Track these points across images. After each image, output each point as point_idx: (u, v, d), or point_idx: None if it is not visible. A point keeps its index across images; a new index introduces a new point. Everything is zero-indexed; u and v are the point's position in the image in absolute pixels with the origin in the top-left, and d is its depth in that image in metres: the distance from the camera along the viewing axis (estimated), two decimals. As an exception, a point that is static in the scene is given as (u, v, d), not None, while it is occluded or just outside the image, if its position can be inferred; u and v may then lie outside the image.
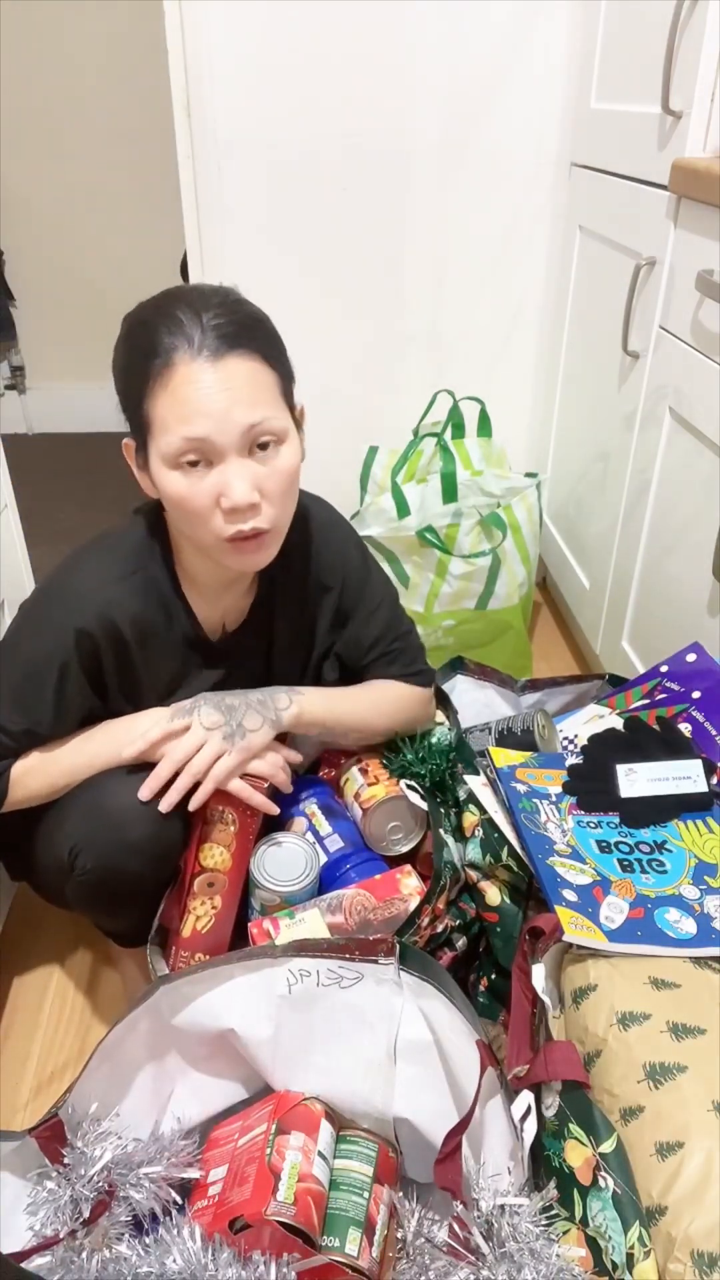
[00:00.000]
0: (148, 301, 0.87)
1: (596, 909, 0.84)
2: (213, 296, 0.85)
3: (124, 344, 0.87)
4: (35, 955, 1.25)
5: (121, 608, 0.92)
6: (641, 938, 0.82)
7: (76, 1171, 0.71)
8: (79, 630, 0.90)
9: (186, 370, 0.81)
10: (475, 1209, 0.66)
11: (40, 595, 0.97)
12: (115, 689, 0.96)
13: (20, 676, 0.91)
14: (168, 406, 0.82)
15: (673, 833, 0.92)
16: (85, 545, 0.97)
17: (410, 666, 1.09)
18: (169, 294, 0.87)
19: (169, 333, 0.82)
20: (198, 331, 0.82)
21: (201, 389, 0.81)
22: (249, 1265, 0.66)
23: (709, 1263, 0.59)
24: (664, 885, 0.87)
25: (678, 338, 1.19)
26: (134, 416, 0.86)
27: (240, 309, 0.85)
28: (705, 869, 0.88)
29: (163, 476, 0.85)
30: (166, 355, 0.82)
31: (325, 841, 1.05)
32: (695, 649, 1.07)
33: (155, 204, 2.71)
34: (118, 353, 0.88)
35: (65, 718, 0.94)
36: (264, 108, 1.61)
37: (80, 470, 2.76)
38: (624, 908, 0.84)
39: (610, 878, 0.87)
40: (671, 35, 1.14)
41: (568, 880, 0.86)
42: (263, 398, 0.84)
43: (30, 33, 2.59)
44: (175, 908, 0.96)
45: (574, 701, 1.29)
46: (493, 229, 1.75)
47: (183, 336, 0.81)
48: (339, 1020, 0.78)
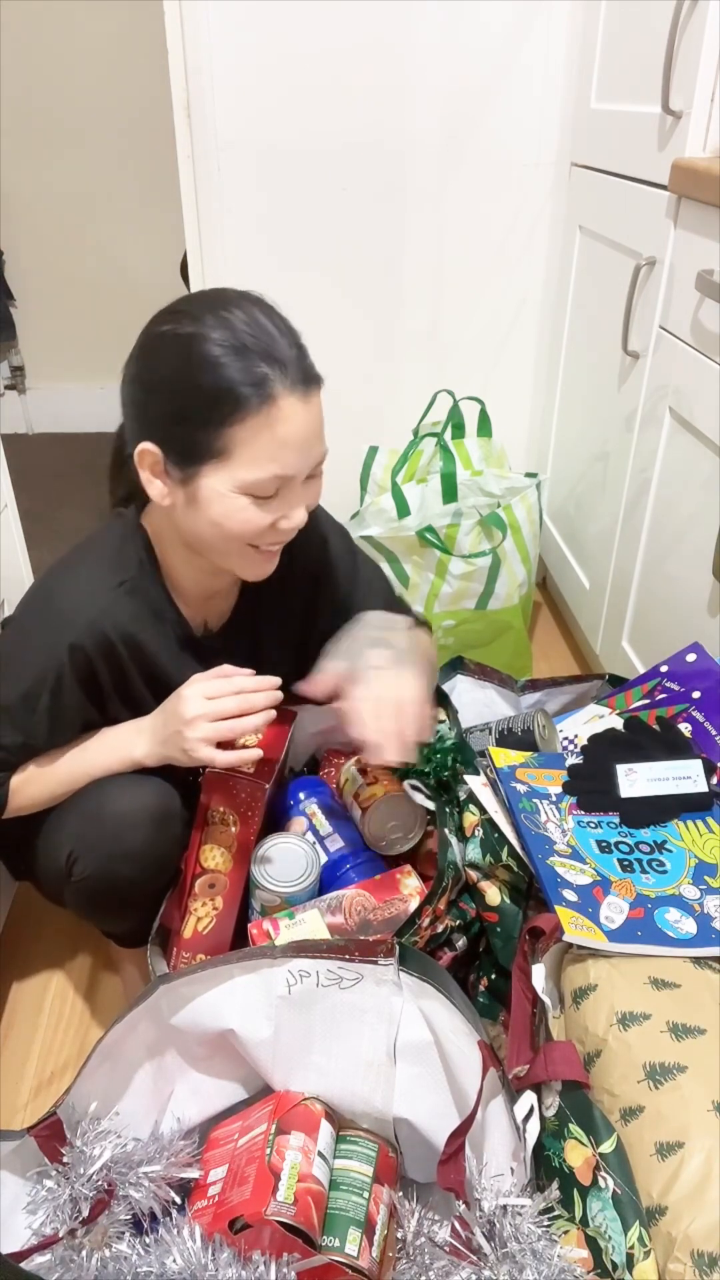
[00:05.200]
0: (194, 311, 0.82)
1: (597, 909, 0.84)
2: (273, 314, 0.84)
3: (185, 359, 0.81)
4: (35, 956, 1.25)
5: (111, 619, 0.91)
6: (642, 938, 0.82)
7: (76, 1170, 0.71)
8: (71, 645, 0.90)
9: (288, 408, 0.81)
10: (477, 1209, 0.66)
11: (30, 611, 0.96)
12: (112, 698, 0.96)
13: (15, 693, 0.91)
14: (264, 441, 0.81)
15: (673, 833, 0.92)
16: (68, 557, 0.96)
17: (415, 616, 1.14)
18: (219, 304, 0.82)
19: (258, 360, 0.80)
20: (290, 361, 0.81)
21: (300, 429, 0.82)
22: (249, 1265, 0.66)
23: (709, 1263, 0.59)
24: (664, 885, 0.87)
25: (678, 338, 1.19)
26: (195, 438, 0.82)
27: (291, 327, 0.85)
28: (705, 869, 0.88)
29: (225, 501, 0.84)
30: (262, 388, 0.80)
31: (325, 841, 1.05)
32: (695, 649, 1.06)
33: (155, 204, 2.71)
34: (171, 365, 0.82)
35: (62, 730, 0.94)
36: (264, 108, 1.61)
37: (80, 470, 2.75)
38: (624, 908, 0.84)
39: (610, 878, 0.87)
40: (671, 35, 1.14)
41: (568, 880, 0.86)
42: (323, 428, 0.87)
43: (30, 33, 2.59)
44: (176, 909, 0.96)
45: (574, 701, 1.29)
46: (493, 229, 1.75)
47: (275, 365, 0.80)
48: (339, 1020, 0.78)
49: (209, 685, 0.89)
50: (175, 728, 0.89)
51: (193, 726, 0.88)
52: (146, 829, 0.91)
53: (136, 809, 0.92)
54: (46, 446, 3.01)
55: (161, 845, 0.93)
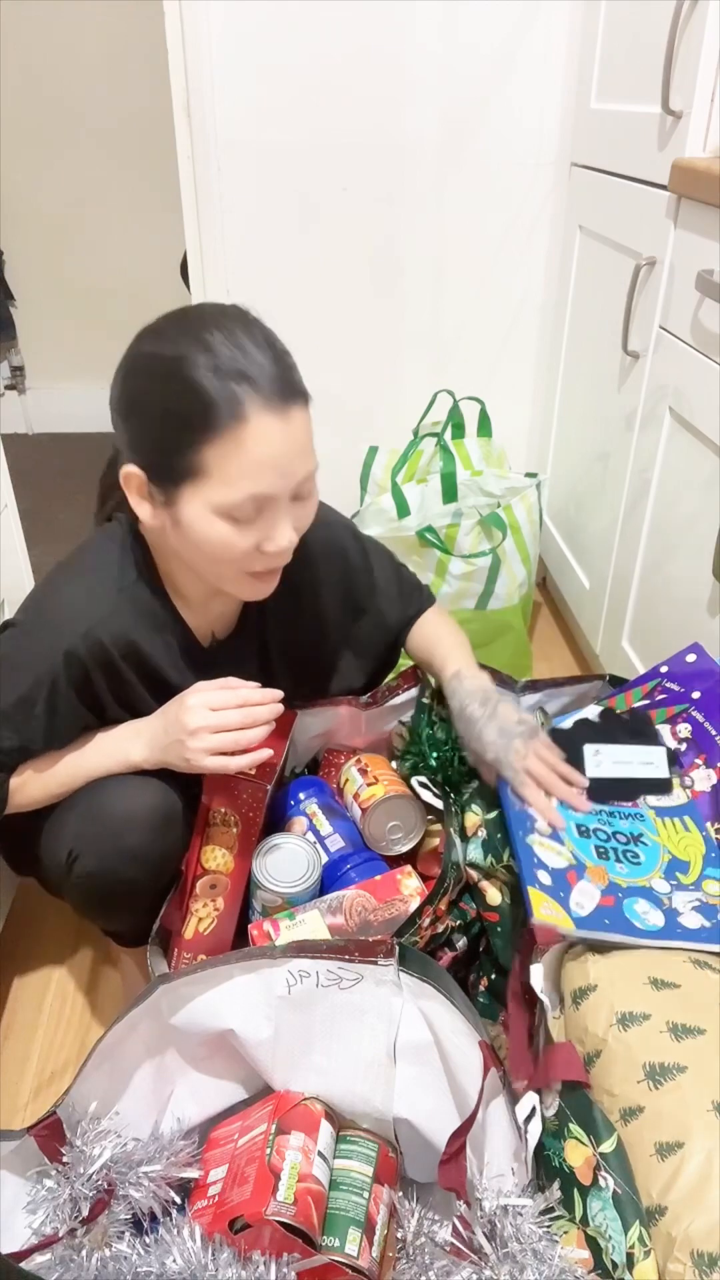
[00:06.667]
0: (173, 333, 0.82)
1: (568, 894, 0.85)
2: (255, 329, 0.82)
3: (162, 380, 0.81)
4: (35, 955, 1.25)
5: (107, 627, 0.91)
6: (609, 926, 0.83)
7: (75, 1170, 0.71)
8: (66, 653, 0.89)
9: (260, 426, 0.79)
10: (478, 1209, 0.66)
11: (28, 616, 0.95)
12: (111, 705, 0.96)
13: (11, 698, 0.90)
14: (236, 461, 0.80)
15: (650, 827, 0.94)
16: (68, 561, 0.96)
17: (425, 598, 1.17)
18: (199, 323, 0.82)
19: (231, 379, 0.78)
20: (264, 379, 0.79)
21: (274, 447, 0.80)
22: (249, 1265, 0.66)
23: (709, 1263, 0.59)
24: (636, 876, 0.88)
25: (678, 338, 1.19)
26: (171, 460, 0.82)
27: (277, 343, 0.83)
28: (678, 865, 0.90)
29: (204, 523, 0.83)
30: (232, 406, 0.78)
31: (326, 841, 1.05)
32: (695, 649, 1.06)
33: (155, 204, 2.71)
34: (149, 387, 0.82)
35: (58, 734, 0.93)
36: (264, 108, 1.61)
37: (80, 470, 2.75)
38: (595, 894, 0.86)
39: (586, 863, 0.89)
40: (671, 35, 1.14)
41: (544, 862, 0.87)
42: (310, 444, 0.84)
43: (30, 33, 2.59)
44: (177, 909, 0.96)
45: (574, 702, 1.29)
46: (493, 229, 1.75)
47: (248, 385, 0.78)
48: (339, 1021, 0.78)
49: (213, 696, 0.89)
50: (177, 736, 0.89)
51: (196, 737, 0.88)
52: (148, 830, 0.91)
53: (138, 809, 0.92)
54: (46, 446, 3.01)
55: (162, 846, 0.93)
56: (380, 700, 1.14)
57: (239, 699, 0.89)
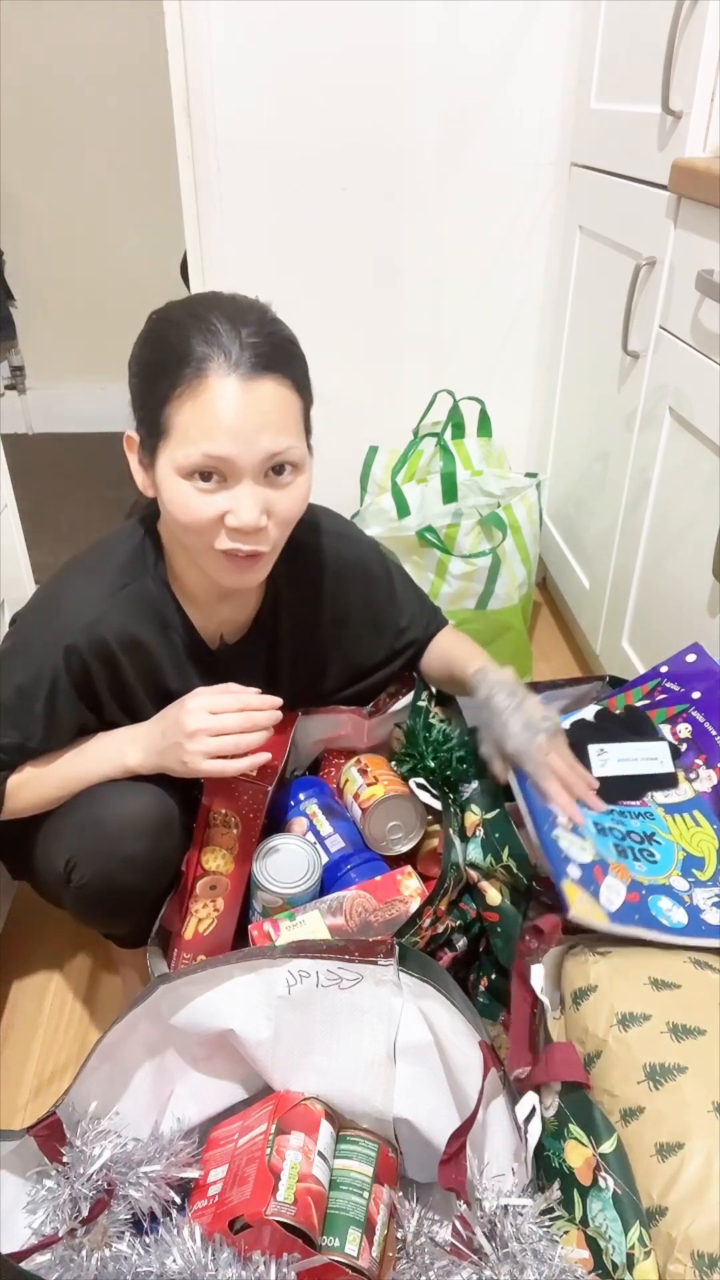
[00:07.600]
0: (180, 302, 0.85)
1: (598, 889, 0.85)
2: (250, 312, 0.83)
3: (150, 341, 0.84)
4: (35, 956, 1.25)
5: (109, 624, 0.91)
6: (639, 921, 0.83)
7: (75, 1170, 0.71)
8: (67, 648, 0.89)
9: (219, 385, 0.79)
10: (478, 1209, 0.66)
11: (30, 612, 0.96)
12: (109, 703, 0.96)
13: (10, 693, 0.90)
14: (193, 418, 0.80)
15: (661, 825, 0.93)
16: (77, 557, 0.96)
17: (442, 619, 1.16)
18: (205, 299, 0.84)
19: (204, 342, 0.79)
20: (235, 347, 0.79)
21: (232, 407, 0.79)
22: (249, 1265, 0.66)
23: (709, 1263, 0.59)
24: (655, 875, 0.88)
25: (678, 338, 1.19)
26: (149, 417, 0.84)
27: (277, 330, 0.84)
28: (693, 862, 0.90)
29: (169, 483, 0.83)
30: (199, 365, 0.79)
31: (326, 842, 1.05)
32: (695, 649, 1.06)
33: (155, 205, 2.71)
34: (142, 348, 0.85)
35: (57, 732, 0.93)
36: (264, 108, 1.61)
37: (80, 470, 2.76)
38: (621, 890, 0.85)
39: (608, 860, 0.88)
40: (671, 35, 1.14)
41: (571, 856, 0.87)
42: (289, 425, 0.83)
43: (30, 34, 2.59)
44: (177, 910, 0.96)
45: (574, 703, 1.29)
46: (493, 229, 1.75)
47: (219, 349, 0.79)
48: (339, 1021, 0.78)
49: (213, 700, 0.89)
50: (175, 739, 0.89)
51: (194, 740, 0.87)
52: (146, 837, 0.91)
53: (135, 816, 0.92)
54: (46, 446, 3.01)
55: (161, 852, 0.93)
56: (382, 708, 1.14)
57: (239, 703, 0.89)
